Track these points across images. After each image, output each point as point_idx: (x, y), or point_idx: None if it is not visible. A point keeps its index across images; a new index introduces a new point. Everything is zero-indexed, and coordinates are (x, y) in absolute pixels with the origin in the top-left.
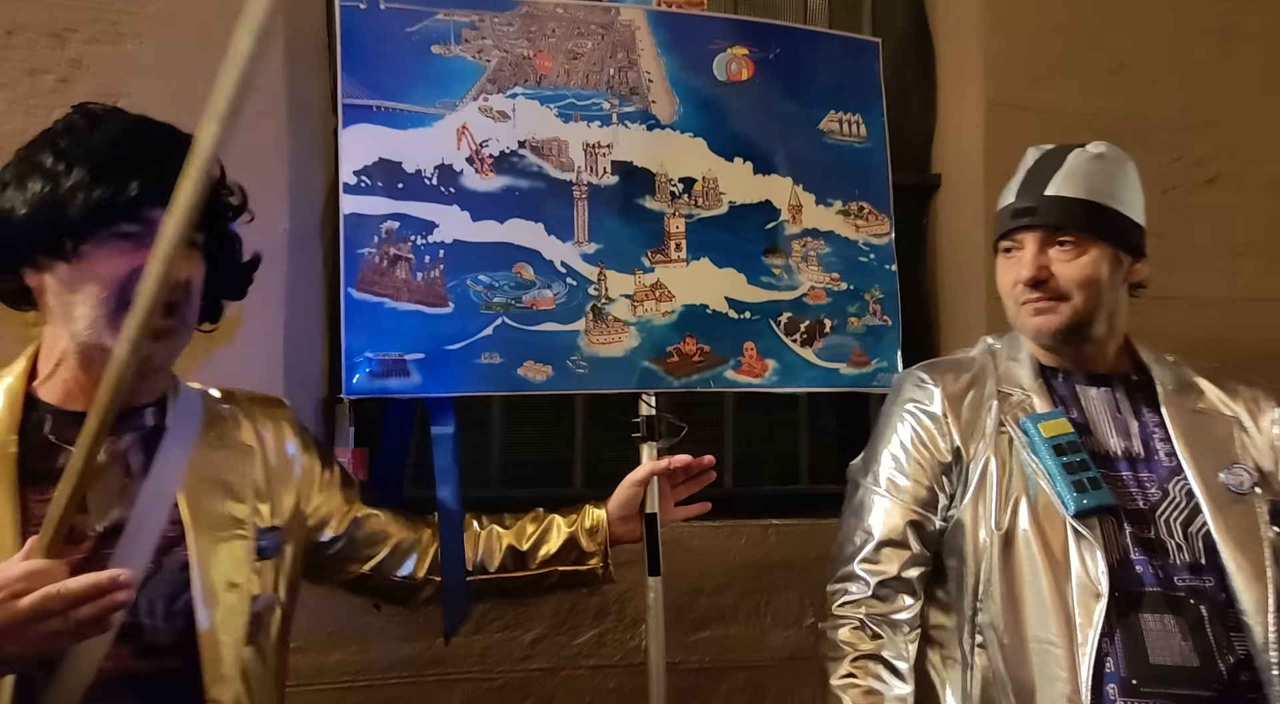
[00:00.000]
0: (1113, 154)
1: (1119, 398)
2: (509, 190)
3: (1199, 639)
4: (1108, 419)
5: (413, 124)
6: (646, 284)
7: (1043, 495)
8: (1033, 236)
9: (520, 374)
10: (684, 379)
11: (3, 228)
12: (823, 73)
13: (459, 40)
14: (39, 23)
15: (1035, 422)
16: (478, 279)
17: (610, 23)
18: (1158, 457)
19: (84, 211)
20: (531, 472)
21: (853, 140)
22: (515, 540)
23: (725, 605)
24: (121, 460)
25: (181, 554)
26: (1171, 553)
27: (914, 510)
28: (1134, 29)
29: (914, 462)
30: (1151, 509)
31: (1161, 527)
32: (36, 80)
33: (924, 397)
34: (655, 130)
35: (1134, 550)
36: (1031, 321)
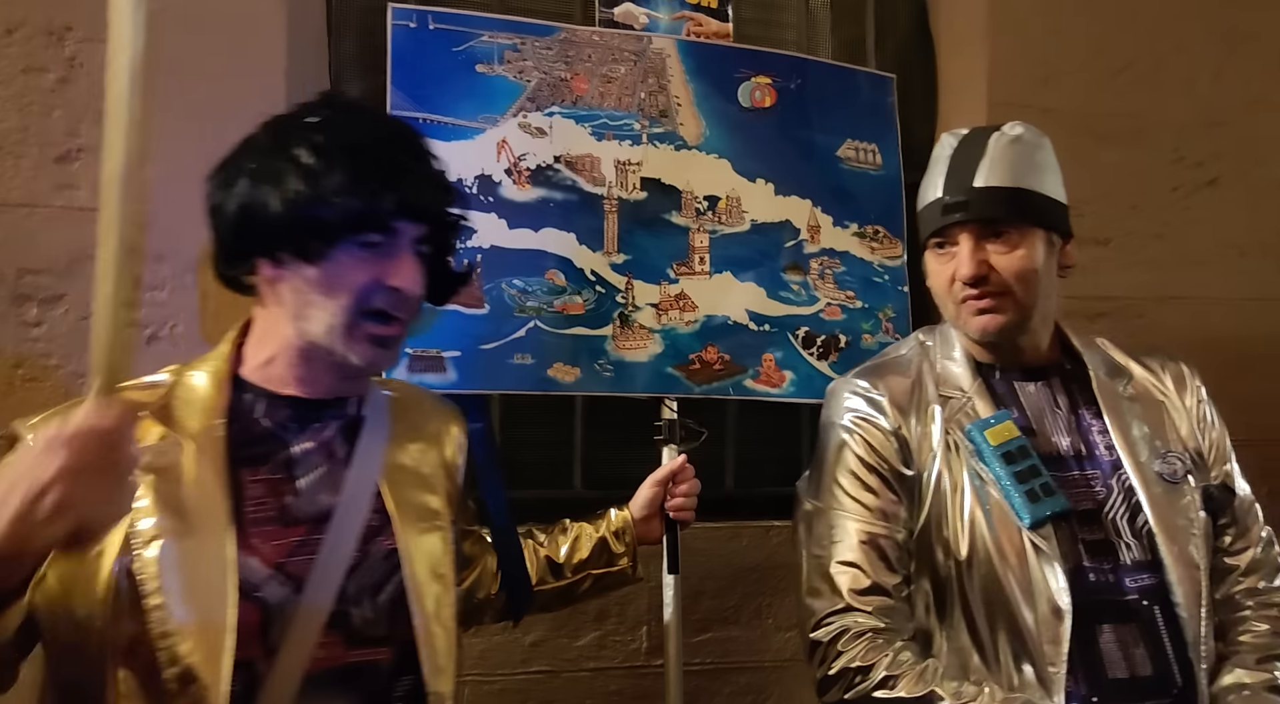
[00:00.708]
0: (1030, 135)
1: (1056, 391)
2: (544, 201)
3: (1152, 644)
4: (1048, 416)
5: (456, 136)
6: (671, 294)
7: (996, 508)
8: (967, 232)
9: (550, 375)
10: (705, 386)
11: (253, 222)
12: (841, 104)
13: (502, 61)
14: (36, 20)
15: (981, 429)
16: (512, 283)
17: (642, 50)
18: (1098, 451)
19: (340, 218)
20: (530, 472)
21: (868, 167)
22: (552, 552)
23: (727, 607)
24: (327, 448)
25: (384, 543)
26: (1121, 553)
27: (882, 526)
28: (1137, 30)
29: (874, 475)
30: (1099, 508)
31: (1110, 527)
32: (33, 78)
33: (870, 407)
34: (682, 151)
35: (1086, 557)
36: (975, 321)
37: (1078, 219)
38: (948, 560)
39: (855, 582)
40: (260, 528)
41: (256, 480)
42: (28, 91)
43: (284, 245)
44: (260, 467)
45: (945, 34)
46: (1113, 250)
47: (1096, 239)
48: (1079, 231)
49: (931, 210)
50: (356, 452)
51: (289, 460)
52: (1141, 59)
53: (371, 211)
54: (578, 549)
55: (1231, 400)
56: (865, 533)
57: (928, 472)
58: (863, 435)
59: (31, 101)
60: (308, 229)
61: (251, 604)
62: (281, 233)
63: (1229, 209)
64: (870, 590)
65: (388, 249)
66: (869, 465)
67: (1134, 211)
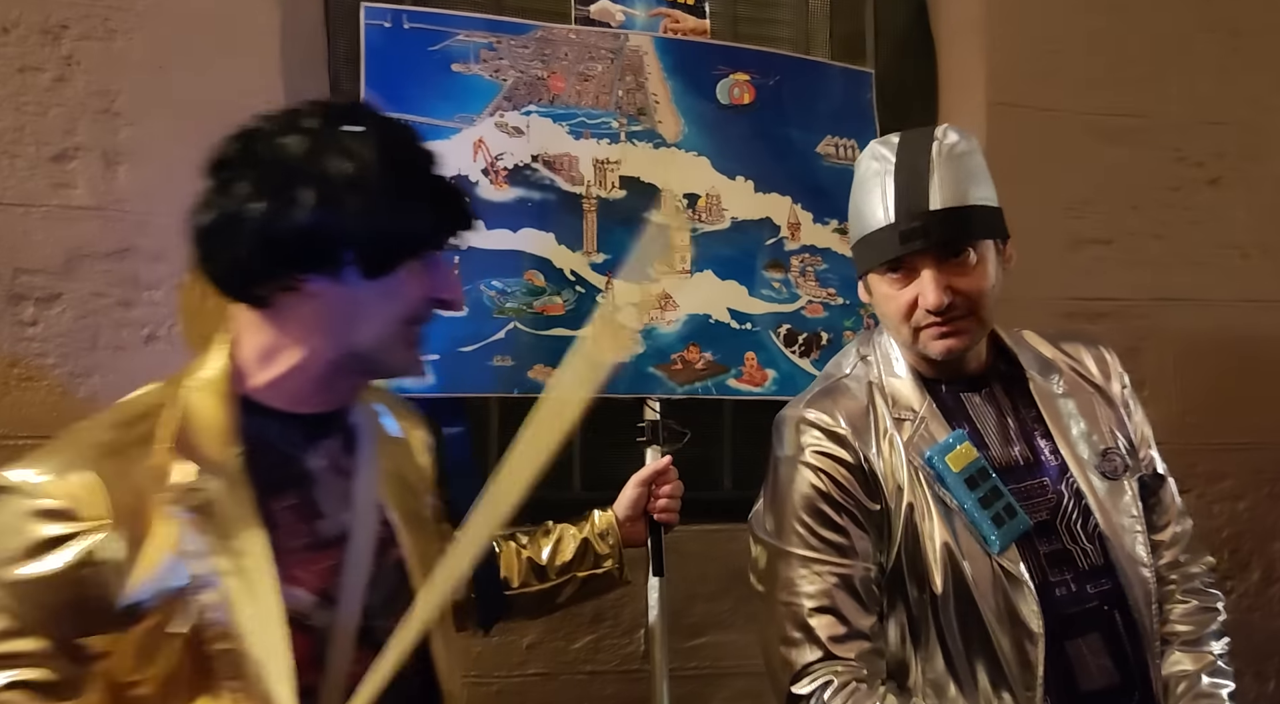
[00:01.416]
0: (965, 142)
1: (1000, 398)
2: (522, 201)
3: (1116, 651)
4: (996, 427)
5: (432, 136)
6: (652, 294)
7: (964, 535)
8: (928, 258)
9: (531, 377)
10: (687, 386)
11: (301, 237)
12: (820, 100)
13: (478, 60)
14: (31, 19)
15: (942, 455)
16: (491, 284)
17: (619, 48)
18: (1044, 456)
19: (410, 236)
20: None
21: (848, 163)
22: (534, 554)
23: (722, 611)
24: (336, 464)
25: (395, 553)
26: (1079, 560)
27: (854, 565)
28: (1138, 27)
29: (842, 513)
30: (1053, 516)
31: (1065, 534)
32: (29, 78)
33: (830, 441)
34: (661, 148)
35: (1049, 570)
36: (939, 345)
37: (1077, 219)
38: (922, 594)
39: (833, 629)
40: (297, 556)
41: (286, 508)
42: (24, 90)
43: (339, 261)
44: (286, 492)
45: (944, 31)
46: (1113, 250)
47: (1097, 239)
48: (1078, 232)
49: (881, 237)
50: (358, 463)
51: (309, 481)
52: (1142, 57)
53: (437, 228)
54: (560, 551)
55: (1232, 402)
56: (837, 575)
57: (895, 502)
58: (826, 472)
59: (27, 101)
60: (375, 245)
61: (304, 634)
62: (339, 248)
63: (1230, 209)
64: (849, 636)
65: (435, 260)
66: (836, 504)
67: (1134, 211)
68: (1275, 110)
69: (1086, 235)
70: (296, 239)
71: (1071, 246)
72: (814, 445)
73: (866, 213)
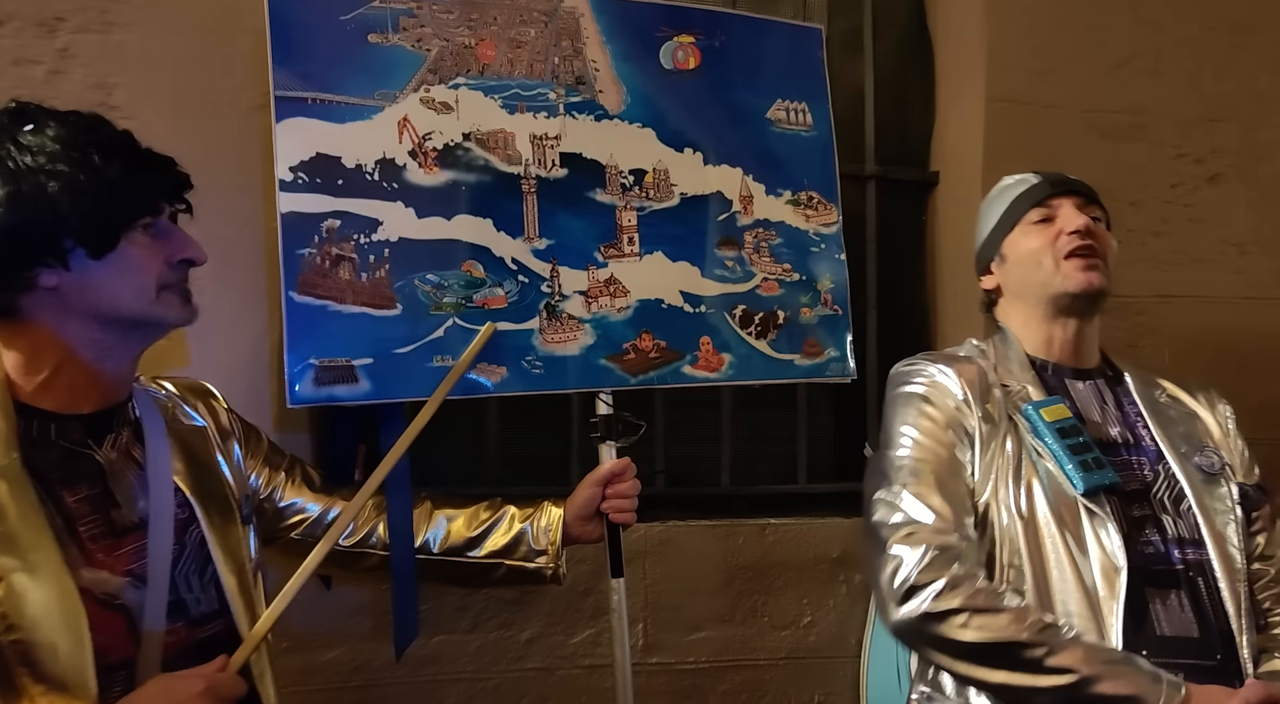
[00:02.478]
0: None
1: (1102, 390)
2: (454, 185)
3: (1199, 611)
4: (1097, 409)
5: (351, 117)
6: (600, 279)
7: (1052, 478)
8: (1071, 199)
9: (474, 376)
10: (641, 376)
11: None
12: (768, 61)
13: (397, 29)
14: (27, 12)
15: (1036, 408)
16: (426, 278)
17: (553, 10)
18: (1144, 442)
19: (112, 209)
20: (527, 469)
21: (800, 129)
22: (466, 524)
23: (722, 606)
24: (128, 454)
25: (197, 532)
26: (1168, 528)
27: (957, 474)
28: (1139, 23)
29: (948, 430)
30: (1146, 489)
31: (1157, 505)
32: (25, 70)
33: (941, 376)
34: (604, 121)
35: (1136, 529)
36: (1082, 276)
37: None
38: (1007, 525)
39: (939, 519)
40: (99, 543)
41: (79, 499)
42: (19, 84)
43: (61, 249)
44: (79, 485)
45: (943, 27)
46: None
47: None
48: None
49: (1032, 189)
50: (147, 451)
51: (101, 473)
52: (1143, 53)
53: (147, 197)
54: (495, 531)
55: (1231, 399)
56: (940, 476)
57: (993, 444)
58: (937, 394)
59: (23, 94)
60: (89, 225)
61: (115, 613)
62: (56, 236)
63: (1230, 206)
64: (952, 528)
65: (163, 228)
66: (944, 417)
67: (1134, 208)
68: (1276, 107)
69: None
70: (9, 238)
71: None
72: (927, 377)
73: (1005, 196)
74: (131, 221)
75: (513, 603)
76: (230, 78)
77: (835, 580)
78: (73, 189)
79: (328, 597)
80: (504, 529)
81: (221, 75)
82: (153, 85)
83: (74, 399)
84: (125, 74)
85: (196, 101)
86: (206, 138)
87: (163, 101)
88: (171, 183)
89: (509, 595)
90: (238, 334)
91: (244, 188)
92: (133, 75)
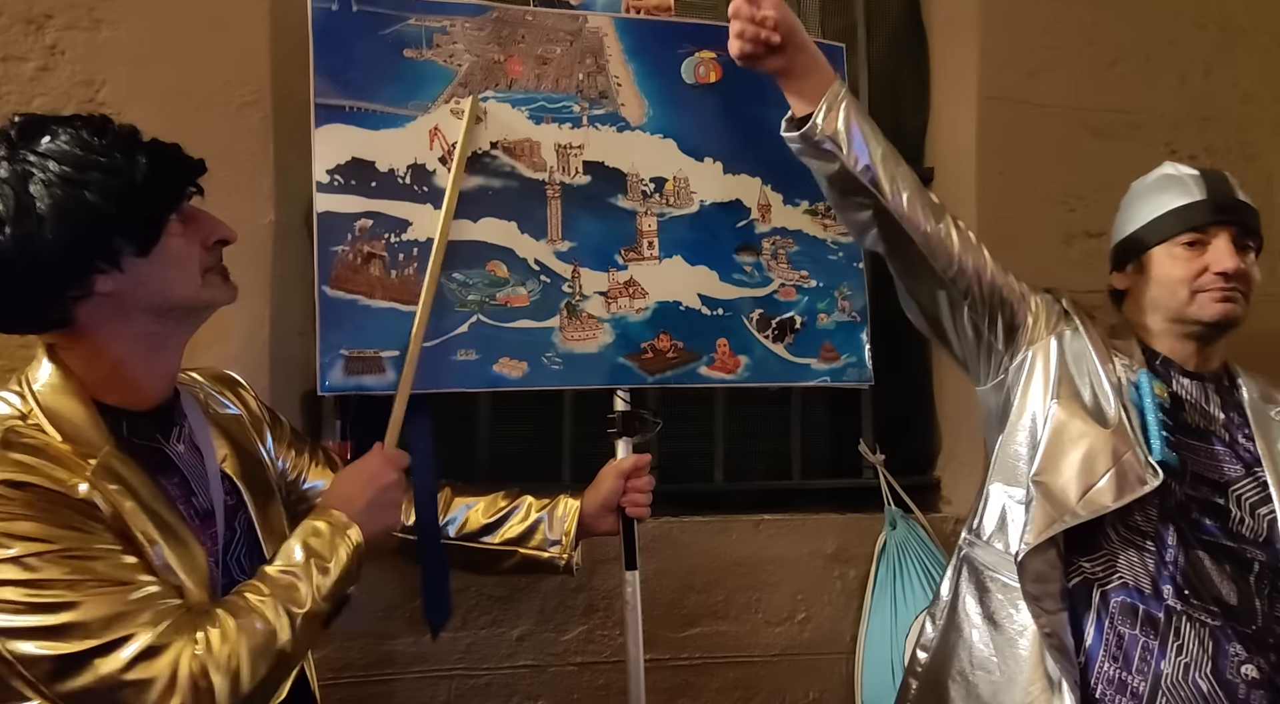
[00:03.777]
0: None
1: (1209, 392)
2: (482, 190)
3: (1243, 586)
4: (1198, 403)
5: (385, 125)
6: (620, 281)
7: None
8: (1228, 232)
9: (496, 371)
10: (658, 375)
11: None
12: None
13: (430, 45)
14: (14, 8)
15: (1149, 380)
16: (452, 277)
17: (578, 30)
18: (1239, 446)
19: (149, 201)
20: (519, 465)
21: None
22: (483, 511)
23: (716, 602)
24: (191, 445)
25: (245, 517)
26: (1234, 521)
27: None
28: (1130, 22)
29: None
30: (1227, 484)
31: (1232, 499)
32: (13, 67)
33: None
34: (625, 132)
35: (1199, 507)
36: (1218, 307)
37: (1070, 214)
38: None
39: None
40: (190, 524)
41: (172, 485)
42: (7, 80)
43: (112, 250)
44: (168, 474)
45: (936, 26)
46: (1105, 244)
47: (1088, 233)
48: (1070, 226)
49: (1187, 210)
50: (199, 442)
51: (175, 466)
52: (1133, 52)
53: (172, 184)
54: (512, 518)
55: None
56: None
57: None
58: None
59: (10, 90)
60: (131, 221)
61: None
62: (106, 238)
63: None
64: None
65: (191, 214)
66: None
67: None
68: (1266, 106)
69: (1077, 229)
70: (64, 250)
71: (1064, 240)
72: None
73: (1162, 200)
74: (166, 213)
75: (504, 600)
76: (218, 75)
77: (830, 576)
78: (109, 192)
79: None
80: (520, 517)
81: (210, 72)
82: (141, 82)
83: (136, 396)
84: (113, 70)
85: (185, 98)
86: (194, 134)
87: (151, 98)
88: (189, 168)
89: (500, 592)
90: (232, 326)
91: (233, 184)
92: (121, 72)
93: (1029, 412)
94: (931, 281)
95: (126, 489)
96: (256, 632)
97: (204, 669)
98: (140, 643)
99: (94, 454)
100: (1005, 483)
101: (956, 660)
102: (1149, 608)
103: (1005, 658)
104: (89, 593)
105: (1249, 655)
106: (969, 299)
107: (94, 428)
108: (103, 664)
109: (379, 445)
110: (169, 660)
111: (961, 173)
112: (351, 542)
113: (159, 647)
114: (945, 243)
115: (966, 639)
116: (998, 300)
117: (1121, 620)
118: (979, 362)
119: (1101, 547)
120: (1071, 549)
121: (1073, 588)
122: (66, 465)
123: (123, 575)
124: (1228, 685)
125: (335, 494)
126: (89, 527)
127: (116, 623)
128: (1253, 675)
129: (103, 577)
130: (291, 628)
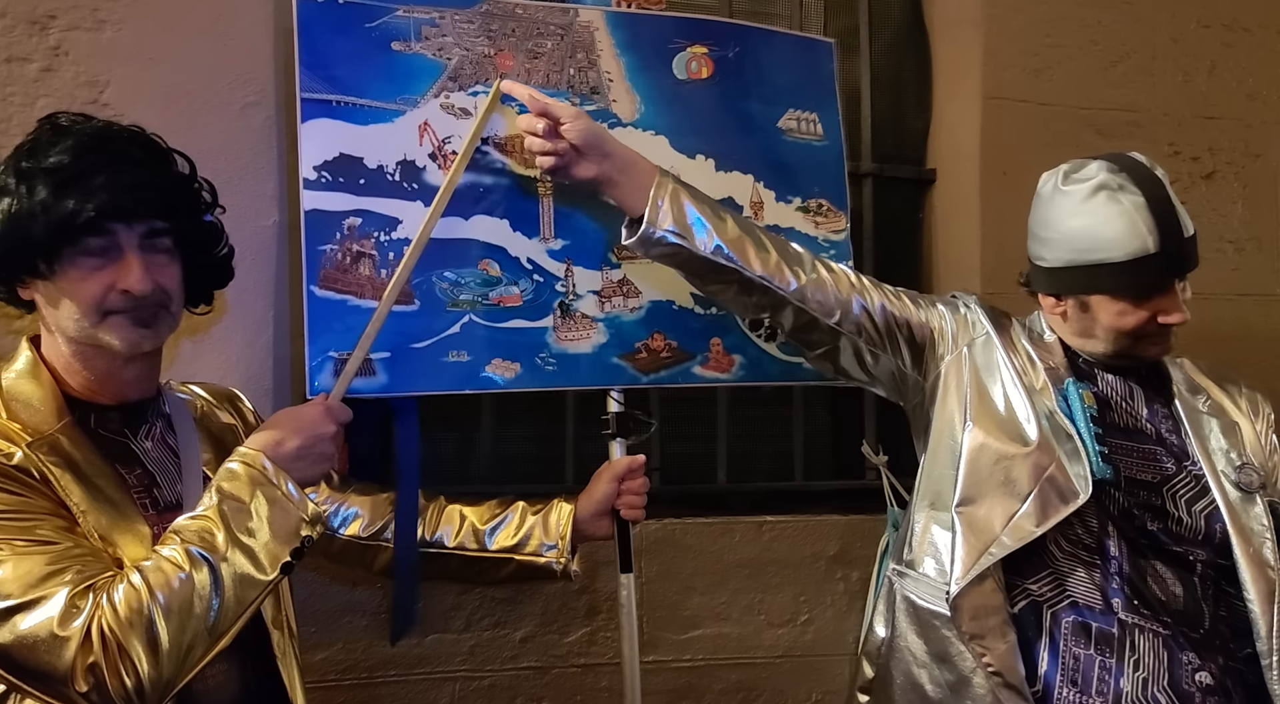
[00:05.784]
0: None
1: (1133, 386)
2: (473, 187)
3: (1188, 590)
4: (1121, 399)
5: (373, 120)
6: (614, 280)
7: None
8: (1179, 285)
9: (488, 372)
10: (652, 375)
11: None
12: (781, 72)
13: (419, 38)
14: (18, 9)
15: (1079, 387)
16: (443, 276)
17: (569, 24)
18: (1167, 440)
19: (47, 231)
20: (521, 467)
21: (810, 138)
22: (478, 519)
23: (718, 603)
24: (162, 443)
25: None
26: (1173, 521)
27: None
28: (1134, 21)
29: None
30: (1162, 482)
31: (1169, 498)
32: (16, 68)
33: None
34: (617, 128)
35: (1140, 510)
36: (1159, 348)
37: None
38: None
39: None
40: (148, 513)
41: (133, 475)
42: (11, 81)
43: (13, 267)
44: (128, 467)
45: (939, 25)
46: None
47: None
48: None
49: (1148, 270)
50: (180, 443)
51: (139, 459)
52: (1137, 51)
53: (76, 220)
54: (506, 525)
55: None
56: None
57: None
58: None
59: (14, 92)
60: (25, 247)
61: None
62: (5, 256)
63: (1225, 204)
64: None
65: (116, 253)
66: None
67: None
68: (1270, 105)
69: None
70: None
71: None
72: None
73: (1108, 235)
74: (60, 247)
75: (506, 602)
76: (222, 75)
77: (832, 578)
78: (10, 212)
79: (321, 596)
80: (515, 524)
81: (213, 72)
82: (144, 82)
83: (99, 391)
84: (117, 71)
85: (188, 98)
86: (198, 135)
87: (154, 99)
88: (130, 203)
89: (503, 594)
90: (235, 328)
91: (236, 185)
92: (125, 72)
93: (946, 433)
94: (825, 335)
95: (65, 463)
96: (170, 584)
97: (118, 626)
98: (58, 603)
99: (42, 432)
100: (933, 507)
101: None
102: (1102, 625)
103: (961, 698)
104: (12, 553)
105: (1201, 663)
106: (863, 336)
107: (52, 412)
108: (21, 620)
109: (323, 396)
110: (84, 620)
111: (964, 172)
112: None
113: (76, 607)
114: (821, 290)
115: (915, 681)
116: (895, 325)
117: (1075, 641)
118: (900, 389)
119: (1046, 565)
120: (1013, 572)
121: (1019, 613)
122: (6, 437)
123: (48, 537)
124: (1184, 696)
125: (265, 435)
126: (21, 492)
127: (39, 583)
128: (1207, 682)
129: (30, 537)
130: (213, 576)
